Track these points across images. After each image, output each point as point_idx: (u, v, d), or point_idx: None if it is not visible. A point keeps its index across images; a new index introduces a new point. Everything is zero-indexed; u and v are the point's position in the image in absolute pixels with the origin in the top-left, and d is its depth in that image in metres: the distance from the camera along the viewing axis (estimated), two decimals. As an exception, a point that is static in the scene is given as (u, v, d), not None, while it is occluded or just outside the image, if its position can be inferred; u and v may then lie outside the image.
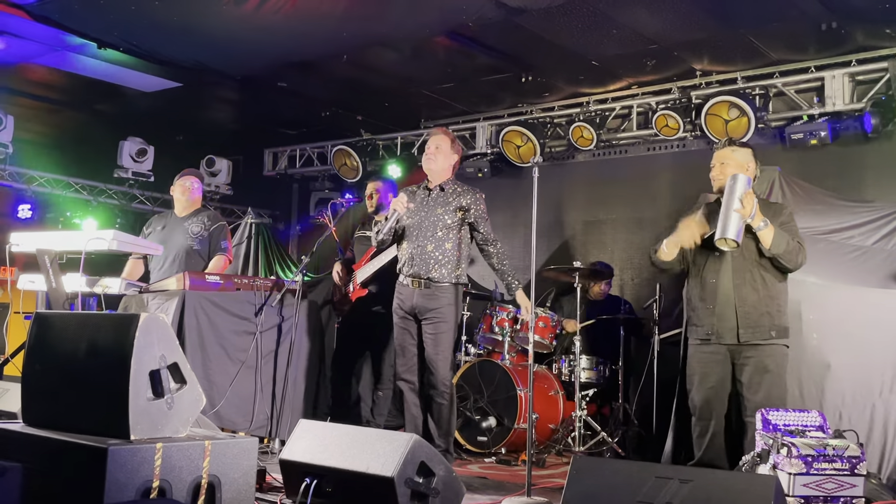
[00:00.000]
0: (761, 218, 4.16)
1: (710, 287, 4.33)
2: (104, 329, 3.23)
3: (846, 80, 6.50)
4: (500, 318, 6.41)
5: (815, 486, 3.75)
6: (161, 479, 2.96)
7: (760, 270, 4.26)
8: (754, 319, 4.22)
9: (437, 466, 3.51)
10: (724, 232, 4.12)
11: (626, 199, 7.85)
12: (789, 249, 4.20)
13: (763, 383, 4.21)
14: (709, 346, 4.33)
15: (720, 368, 4.31)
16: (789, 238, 4.22)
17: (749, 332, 4.23)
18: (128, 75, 7.57)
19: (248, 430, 4.95)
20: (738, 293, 4.25)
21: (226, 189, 9.55)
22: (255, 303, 5.12)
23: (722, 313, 4.28)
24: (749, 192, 4.14)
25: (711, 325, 4.31)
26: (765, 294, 4.25)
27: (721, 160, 4.42)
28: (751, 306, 4.24)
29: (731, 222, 4.11)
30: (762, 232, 4.17)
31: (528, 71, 7.23)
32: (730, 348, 4.29)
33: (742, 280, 4.26)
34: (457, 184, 5.01)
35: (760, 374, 4.21)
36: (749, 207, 4.11)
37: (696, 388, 4.38)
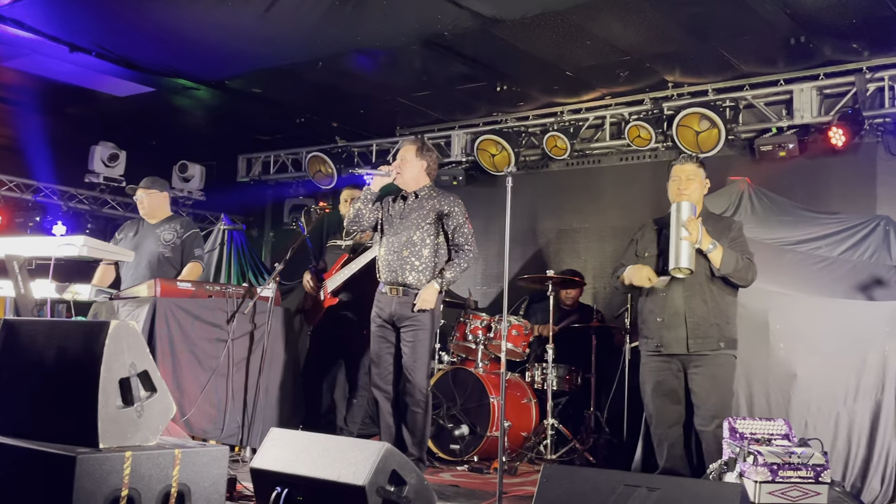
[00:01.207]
0: (709, 240, 4.29)
1: (661, 300, 4.44)
2: (73, 336, 3.20)
3: (814, 93, 6.61)
4: (473, 327, 6.43)
5: (781, 493, 3.80)
6: (130, 487, 2.94)
7: (710, 284, 4.39)
8: (703, 330, 4.33)
9: (408, 475, 3.51)
10: (678, 262, 4.26)
11: (599, 209, 7.92)
12: (738, 268, 4.33)
13: (714, 391, 4.33)
14: (660, 357, 4.45)
15: (672, 378, 4.43)
16: (738, 256, 4.35)
17: (698, 343, 4.34)
18: (99, 79, 7.51)
19: (218, 438, 4.92)
20: (687, 305, 4.36)
21: (199, 195, 9.50)
22: (227, 310, 5.10)
23: (671, 324, 4.39)
24: (692, 218, 4.25)
25: (661, 337, 4.42)
26: (713, 306, 4.37)
27: (687, 175, 4.51)
28: (700, 318, 4.35)
29: (682, 251, 4.25)
30: (712, 254, 4.31)
31: (502, 80, 7.27)
32: (680, 358, 4.40)
33: (692, 292, 4.37)
34: (434, 190, 5.04)
35: (710, 382, 4.33)
36: (695, 233, 4.25)
37: (649, 398, 4.49)
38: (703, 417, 4.30)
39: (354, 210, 4.94)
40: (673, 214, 4.33)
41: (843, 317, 4.80)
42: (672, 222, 4.32)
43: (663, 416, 4.44)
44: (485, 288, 8.47)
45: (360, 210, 4.93)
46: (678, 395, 4.42)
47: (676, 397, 4.42)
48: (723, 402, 4.32)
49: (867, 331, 4.67)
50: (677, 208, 4.33)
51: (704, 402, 4.31)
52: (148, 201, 5.91)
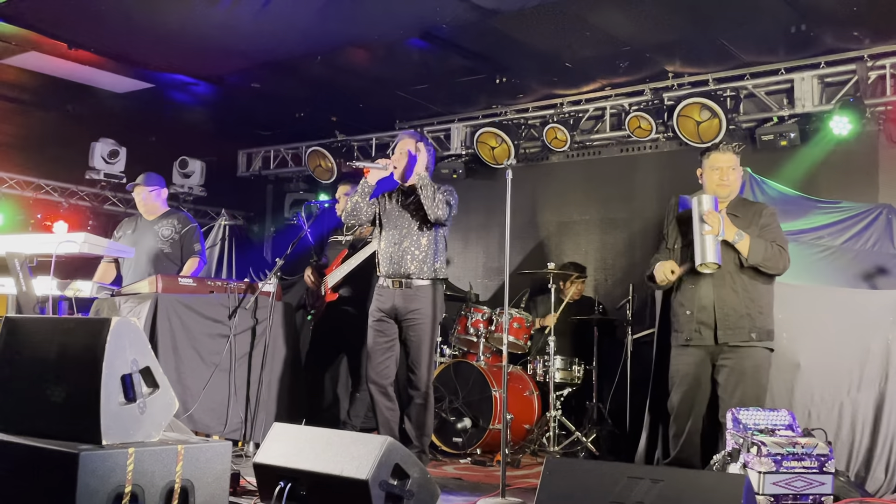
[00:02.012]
0: (734, 230, 4.22)
1: (690, 293, 4.38)
2: (75, 333, 3.20)
3: (815, 81, 6.59)
4: (474, 320, 6.43)
5: (785, 484, 3.80)
6: (133, 484, 2.94)
7: (740, 273, 4.30)
8: (733, 321, 4.27)
9: (411, 468, 3.51)
10: (703, 257, 4.19)
11: (599, 200, 7.90)
12: (768, 256, 4.25)
13: (739, 385, 4.25)
14: (689, 349, 4.38)
15: (699, 370, 4.36)
16: (768, 244, 4.27)
17: (728, 334, 4.27)
18: (99, 76, 7.50)
19: (222, 433, 4.92)
20: (717, 295, 4.29)
21: (199, 190, 9.49)
22: (228, 305, 5.09)
23: (700, 316, 4.32)
24: (711, 210, 4.19)
25: (691, 331, 4.36)
26: (745, 296, 4.29)
27: (730, 164, 4.41)
28: (730, 308, 4.28)
29: (707, 246, 4.19)
30: (739, 244, 4.23)
31: (502, 72, 7.25)
32: (709, 350, 4.33)
33: (721, 283, 4.30)
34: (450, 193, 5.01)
35: (737, 375, 4.26)
36: (716, 226, 4.18)
37: (675, 390, 4.43)
38: (727, 412, 4.23)
39: (352, 203, 4.92)
40: (694, 208, 4.26)
41: (846, 306, 4.79)
42: (694, 217, 4.25)
43: (686, 408, 4.36)
44: (486, 281, 8.47)
45: (357, 203, 4.91)
46: (704, 387, 4.35)
47: (703, 389, 4.35)
48: (749, 395, 4.21)
49: (870, 320, 4.66)
50: (698, 202, 4.25)
51: (729, 396, 4.24)
52: (146, 197, 5.91)
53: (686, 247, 4.43)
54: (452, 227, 5.12)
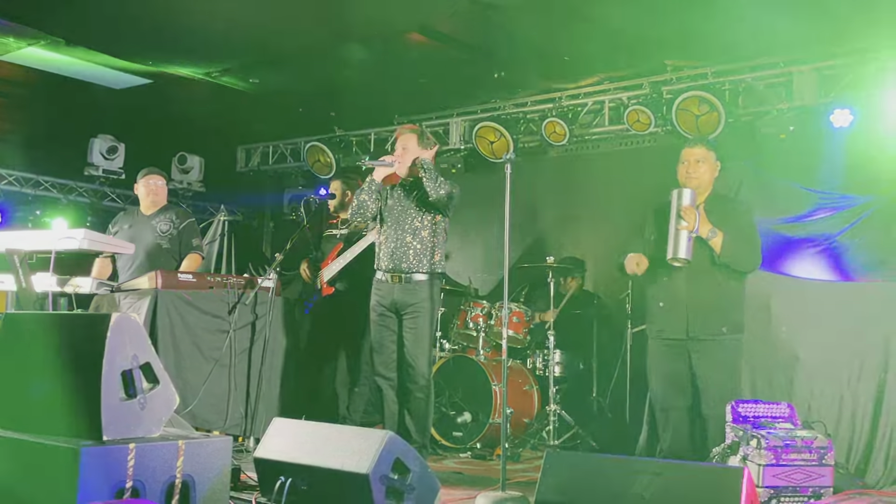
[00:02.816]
0: (708, 227, 4.26)
1: (664, 285, 4.43)
2: (75, 329, 3.20)
3: (814, 75, 6.58)
4: (474, 314, 6.44)
5: (785, 476, 3.81)
6: (134, 479, 2.95)
7: (713, 268, 4.35)
8: (704, 315, 4.33)
9: (412, 462, 3.52)
10: (675, 252, 4.25)
11: (598, 194, 7.89)
12: (739, 254, 4.29)
13: (715, 376, 4.31)
14: (664, 341, 4.43)
15: (676, 362, 4.41)
16: (741, 242, 4.31)
17: (698, 328, 4.33)
18: (97, 72, 7.49)
19: (222, 428, 4.93)
20: (689, 289, 4.35)
21: (198, 186, 9.47)
22: (228, 301, 5.10)
23: (672, 309, 4.37)
24: (689, 206, 4.22)
25: (662, 322, 4.40)
26: (717, 290, 4.35)
27: (696, 157, 4.47)
28: (702, 301, 4.34)
29: (680, 241, 4.24)
30: (713, 241, 4.27)
31: (500, 67, 7.24)
32: (682, 342, 4.39)
33: (695, 276, 4.35)
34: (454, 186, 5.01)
35: (712, 367, 4.32)
36: (692, 221, 4.21)
37: (655, 381, 4.50)
38: (708, 402, 4.29)
39: (358, 202, 4.92)
40: (673, 202, 4.30)
41: (845, 298, 4.80)
42: (672, 210, 4.29)
43: (668, 399, 4.43)
44: (485, 275, 8.46)
45: (364, 202, 4.92)
46: (683, 378, 4.40)
47: (681, 381, 4.40)
48: (726, 386, 4.30)
49: (869, 312, 4.67)
50: (678, 195, 4.29)
51: (708, 387, 4.30)
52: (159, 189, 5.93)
53: (659, 239, 4.46)
54: (452, 221, 5.11)
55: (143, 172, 6.01)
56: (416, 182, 4.91)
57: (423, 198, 4.85)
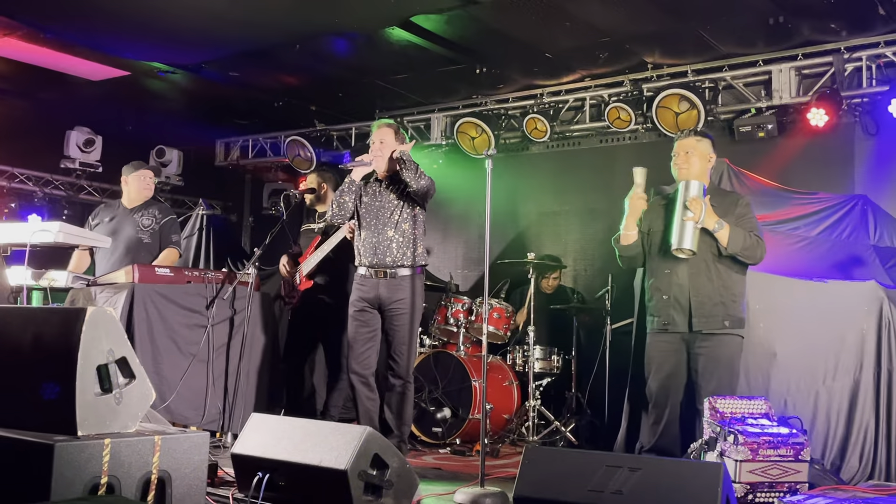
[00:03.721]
0: (715, 219, 4.24)
1: (666, 277, 4.41)
2: (50, 323, 3.16)
3: (792, 73, 6.63)
4: (454, 310, 6.43)
5: (761, 472, 3.84)
6: (109, 475, 2.92)
7: (716, 262, 4.33)
8: (708, 309, 4.30)
9: (390, 458, 3.51)
10: (681, 243, 4.21)
11: (579, 191, 7.92)
12: (746, 246, 4.28)
13: (715, 372, 4.29)
14: (665, 336, 4.40)
15: (676, 357, 4.39)
16: (746, 234, 4.30)
17: (702, 322, 4.30)
18: (73, 63, 7.40)
19: (199, 424, 4.89)
20: (692, 283, 4.32)
21: (176, 180, 9.40)
22: (206, 295, 5.06)
23: (676, 303, 4.35)
24: (696, 197, 4.21)
25: (667, 315, 4.38)
26: (720, 284, 4.32)
27: (686, 149, 4.46)
28: (705, 296, 4.31)
29: (686, 231, 4.21)
30: (719, 233, 4.25)
31: (482, 62, 7.24)
32: (684, 337, 4.36)
33: (697, 270, 4.32)
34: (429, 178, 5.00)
35: (713, 363, 4.29)
36: (698, 213, 4.19)
37: (652, 377, 4.46)
38: (703, 397, 4.27)
39: (339, 202, 4.92)
40: (679, 192, 4.27)
41: (822, 296, 4.83)
42: (678, 201, 4.27)
43: (664, 394, 4.40)
44: (466, 271, 8.47)
45: (345, 202, 4.92)
46: (681, 374, 4.39)
47: (679, 376, 4.39)
48: (724, 382, 4.27)
49: (846, 310, 4.71)
50: (685, 186, 4.26)
51: (706, 383, 4.28)
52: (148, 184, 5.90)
53: (662, 232, 4.45)
54: (432, 218, 5.11)
55: (134, 166, 5.95)
56: (394, 176, 4.90)
57: (401, 191, 4.84)
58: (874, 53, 6.26)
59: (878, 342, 4.57)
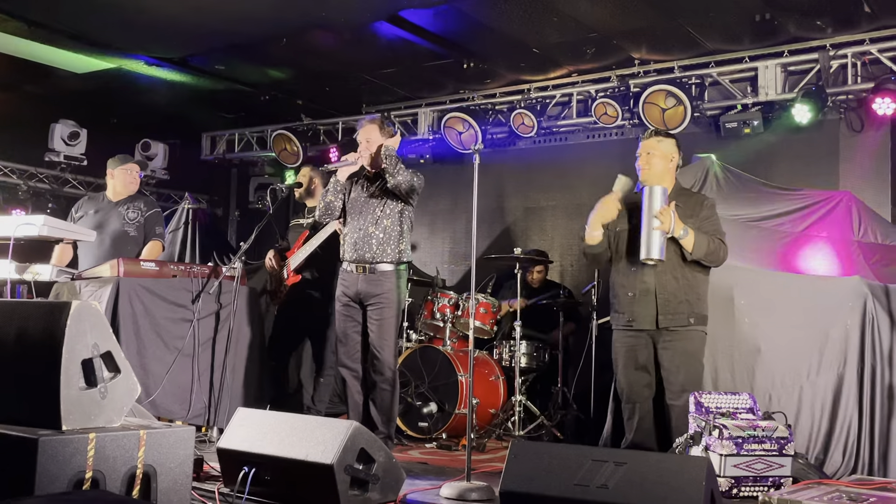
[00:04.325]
0: (681, 227, 4.29)
1: (632, 276, 4.45)
2: (34, 317, 3.14)
3: (778, 70, 6.66)
4: (441, 305, 6.43)
5: (745, 466, 3.86)
6: (94, 469, 2.90)
7: (681, 261, 4.39)
8: (673, 307, 4.36)
9: (377, 453, 3.51)
10: (649, 253, 4.27)
11: (566, 186, 7.93)
12: (710, 251, 4.34)
13: (682, 366, 4.35)
14: (630, 332, 4.47)
15: (643, 353, 4.45)
16: (710, 239, 4.36)
17: (668, 319, 4.36)
18: (58, 56, 7.34)
19: (185, 418, 4.88)
20: (658, 281, 4.37)
21: (162, 173, 9.35)
22: (192, 290, 5.04)
23: (642, 300, 4.40)
24: (664, 207, 4.24)
25: (632, 312, 4.43)
26: (684, 283, 4.38)
27: (647, 150, 4.52)
28: (670, 294, 4.37)
29: (654, 241, 4.26)
30: (684, 240, 4.31)
31: (469, 57, 7.23)
32: (650, 333, 4.42)
33: (663, 269, 4.38)
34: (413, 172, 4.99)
35: (680, 357, 4.36)
36: (667, 222, 4.23)
37: (620, 372, 4.52)
38: (673, 392, 4.33)
39: (325, 203, 4.94)
40: (644, 199, 4.29)
41: (807, 292, 4.86)
42: (644, 208, 4.29)
43: (634, 390, 4.46)
44: (452, 266, 8.47)
45: (331, 202, 4.94)
46: (649, 369, 4.44)
47: (647, 372, 4.45)
48: (692, 376, 4.35)
49: (830, 306, 4.73)
50: (649, 193, 4.28)
51: (674, 377, 4.34)
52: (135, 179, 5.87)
53: (626, 231, 4.49)
54: (419, 212, 5.10)
55: (120, 159, 5.92)
56: (380, 172, 4.90)
57: (385, 187, 4.84)
58: (859, 51, 6.30)
59: (862, 337, 4.60)
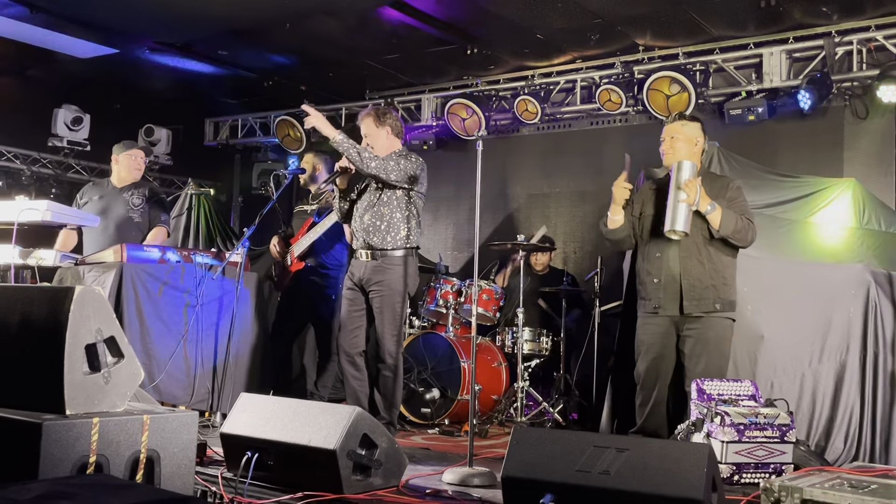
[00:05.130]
0: (708, 201, 4.24)
1: (656, 261, 4.42)
2: (37, 302, 3.15)
3: (783, 57, 6.63)
4: (444, 291, 6.44)
5: (747, 453, 3.87)
6: (98, 453, 2.92)
7: (707, 245, 4.34)
8: (699, 292, 4.31)
9: (379, 438, 3.52)
10: (673, 224, 4.21)
11: (569, 173, 7.92)
12: (738, 229, 4.28)
13: (704, 354, 4.31)
14: (655, 318, 4.42)
15: (665, 339, 4.40)
16: (738, 217, 4.30)
17: (693, 305, 4.32)
18: (61, 40, 7.33)
19: (188, 403, 4.89)
20: (683, 266, 4.33)
21: (165, 159, 9.35)
22: (195, 275, 5.05)
23: (667, 286, 4.36)
24: (691, 180, 4.21)
25: (658, 299, 4.40)
26: (710, 267, 4.33)
27: (671, 134, 4.47)
28: (696, 279, 4.32)
29: (679, 213, 4.20)
30: (711, 215, 4.25)
31: (473, 43, 7.21)
32: (674, 320, 4.38)
33: (688, 253, 4.33)
34: (400, 155, 4.98)
35: (702, 345, 4.31)
36: (693, 195, 4.19)
37: (641, 358, 4.47)
38: (692, 380, 4.29)
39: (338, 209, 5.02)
40: (672, 174, 4.27)
41: (809, 279, 4.85)
42: (672, 182, 4.26)
43: (653, 376, 4.41)
44: (455, 253, 8.47)
45: (342, 208, 5.01)
46: (670, 356, 4.41)
47: (668, 359, 4.41)
48: (713, 365, 4.28)
49: (832, 293, 4.73)
50: (677, 168, 4.25)
51: (694, 365, 4.30)
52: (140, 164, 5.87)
53: (656, 215, 4.45)
54: (421, 198, 5.08)
55: (125, 145, 5.92)
56: None
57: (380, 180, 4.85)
58: (865, 37, 6.27)
59: (865, 325, 4.59)
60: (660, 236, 4.36)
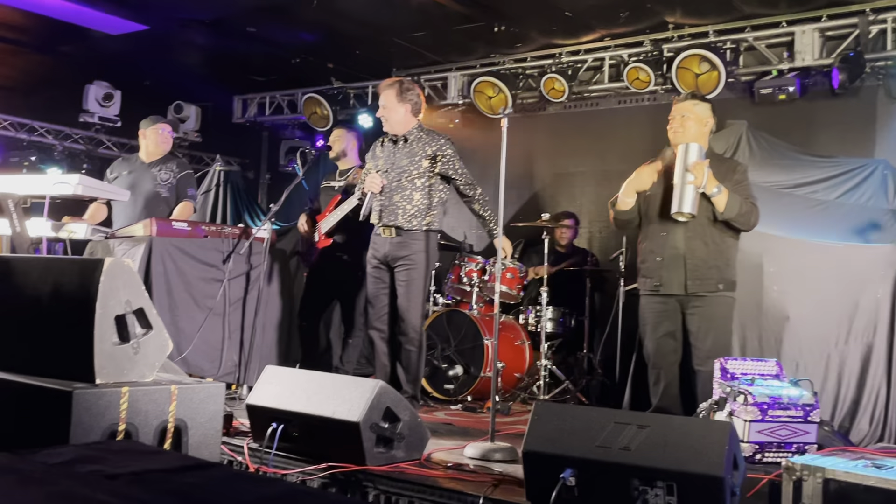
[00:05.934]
0: (714, 184, 4.25)
1: (661, 240, 4.43)
2: (69, 273, 3.21)
3: (816, 35, 6.52)
4: (468, 269, 6.46)
5: (770, 432, 3.87)
6: (127, 422, 2.98)
7: (711, 226, 4.36)
8: (702, 272, 4.34)
9: (402, 412, 3.56)
10: (680, 206, 4.23)
11: (596, 152, 7.87)
12: (742, 212, 4.30)
13: (710, 332, 4.35)
14: (658, 297, 4.46)
15: (670, 318, 4.44)
16: (742, 200, 4.32)
17: (697, 284, 4.35)
18: (93, 17, 7.39)
19: (215, 376, 4.97)
20: (688, 246, 4.35)
21: (194, 136, 9.42)
22: (223, 250, 5.10)
23: (671, 265, 4.38)
24: (699, 162, 4.20)
25: (660, 277, 4.42)
26: (714, 248, 4.36)
27: (681, 113, 4.47)
28: (700, 259, 4.34)
29: (686, 195, 4.22)
30: (716, 198, 4.27)
31: (500, 21, 7.16)
32: (678, 299, 4.41)
33: (693, 234, 4.35)
34: (423, 132, 5.00)
35: (707, 323, 4.35)
36: (700, 177, 4.19)
37: (648, 338, 4.51)
38: (700, 358, 4.33)
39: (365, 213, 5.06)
40: (679, 155, 4.28)
41: (838, 260, 4.82)
42: (678, 163, 4.27)
43: (661, 355, 4.46)
44: (480, 231, 8.45)
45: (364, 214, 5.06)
46: (676, 335, 4.44)
47: (674, 337, 4.44)
48: (719, 342, 4.34)
49: (861, 274, 4.69)
50: (685, 150, 4.26)
51: (702, 343, 4.33)
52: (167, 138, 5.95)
53: (658, 195, 4.46)
54: (447, 177, 5.09)
55: (152, 120, 5.99)
56: (407, 138, 4.92)
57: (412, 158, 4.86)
58: (900, 15, 6.15)
59: (893, 307, 4.56)
60: (665, 216, 4.37)
